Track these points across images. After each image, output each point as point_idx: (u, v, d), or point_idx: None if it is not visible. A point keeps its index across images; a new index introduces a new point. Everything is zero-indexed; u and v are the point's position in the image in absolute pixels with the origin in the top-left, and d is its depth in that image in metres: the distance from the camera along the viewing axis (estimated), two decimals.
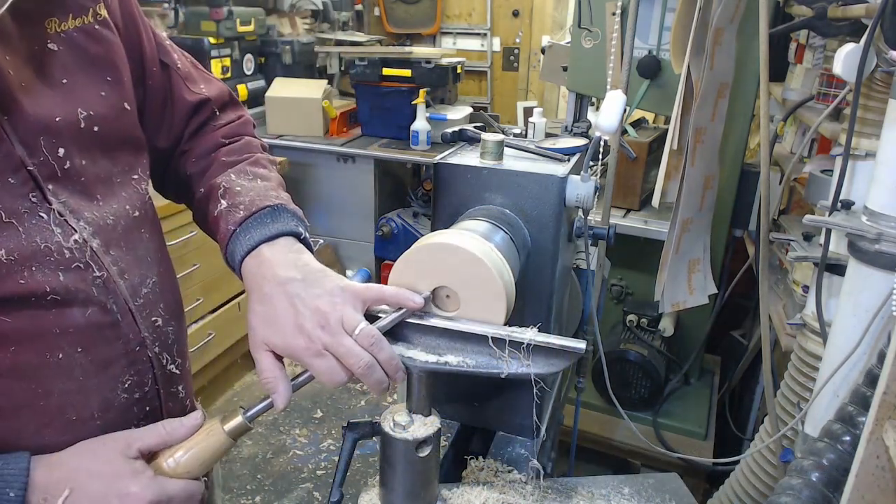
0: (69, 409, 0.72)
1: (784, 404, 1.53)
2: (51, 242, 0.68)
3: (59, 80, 0.72)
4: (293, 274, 0.76)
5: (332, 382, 0.74)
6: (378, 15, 4.72)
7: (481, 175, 1.05)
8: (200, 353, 2.65)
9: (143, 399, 0.79)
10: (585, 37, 2.16)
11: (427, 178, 3.72)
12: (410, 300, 0.80)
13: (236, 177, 0.87)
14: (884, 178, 1.12)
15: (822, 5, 1.54)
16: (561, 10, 4.52)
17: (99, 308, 0.73)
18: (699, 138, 1.72)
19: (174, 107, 0.90)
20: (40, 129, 0.68)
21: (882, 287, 1.10)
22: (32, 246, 0.67)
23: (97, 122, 0.74)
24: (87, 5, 0.75)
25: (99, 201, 0.75)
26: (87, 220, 0.73)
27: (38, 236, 0.67)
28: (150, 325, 0.80)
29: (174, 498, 0.71)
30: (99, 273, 0.73)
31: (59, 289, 0.69)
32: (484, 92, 4.84)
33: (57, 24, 0.72)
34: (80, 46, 0.74)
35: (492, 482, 0.99)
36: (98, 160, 0.76)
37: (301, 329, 0.73)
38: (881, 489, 0.86)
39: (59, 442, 0.71)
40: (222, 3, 3.23)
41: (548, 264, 1.06)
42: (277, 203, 0.83)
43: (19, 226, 0.66)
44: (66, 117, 0.71)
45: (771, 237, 1.65)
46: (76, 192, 0.72)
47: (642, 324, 2.34)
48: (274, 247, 0.79)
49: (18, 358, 0.68)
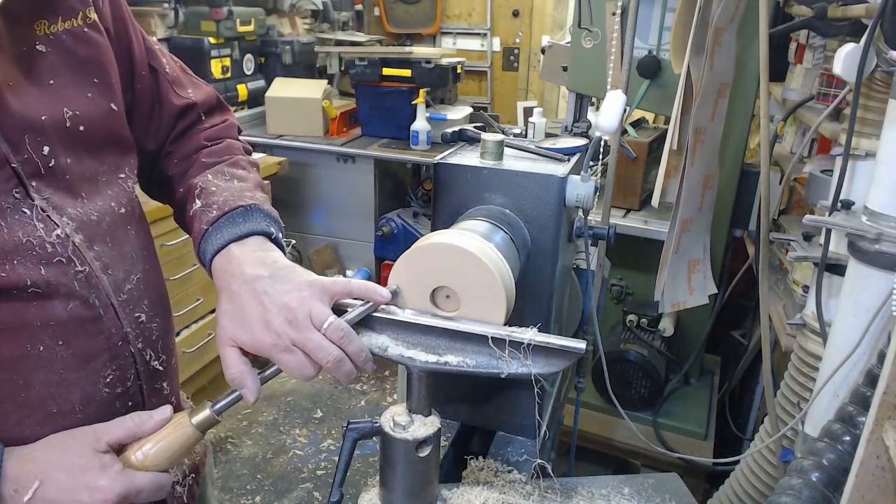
0: (49, 402, 0.73)
1: (784, 404, 1.53)
2: (33, 237, 0.69)
3: (46, 81, 0.73)
4: (261, 271, 0.77)
5: (301, 377, 0.75)
6: (378, 15, 4.72)
7: (481, 175, 1.05)
8: (200, 353, 2.65)
9: (125, 394, 0.80)
10: (585, 37, 2.16)
11: (427, 178, 3.72)
12: (377, 294, 0.80)
13: (213, 177, 0.88)
14: (884, 178, 1.12)
15: (822, 5, 1.54)
16: (561, 10, 4.52)
17: (81, 302, 0.74)
18: (699, 138, 1.72)
19: (161, 110, 0.92)
20: (25, 127, 0.69)
21: (882, 287, 1.10)
22: (14, 240, 0.68)
23: (83, 122, 0.76)
24: (76, 8, 0.77)
25: (84, 198, 0.76)
26: (71, 216, 0.74)
27: (20, 231, 0.69)
28: (134, 321, 0.81)
29: (142, 490, 0.72)
30: (81, 268, 0.73)
31: (41, 282, 0.70)
32: (484, 92, 4.84)
33: (46, 27, 0.73)
34: (69, 49, 0.76)
35: (492, 482, 0.99)
36: (83, 159, 0.77)
37: (268, 325, 0.74)
38: (881, 489, 0.86)
39: (40, 434, 0.72)
40: (222, 3, 3.24)
41: (548, 264, 1.06)
42: (251, 203, 0.84)
43: (1, 220, 0.67)
44: (52, 116, 0.72)
45: (771, 237, 1.65)
46: (60, 189, 0.73)
47: (642, 324, 2.34)
48: (243, 246, 0.80)
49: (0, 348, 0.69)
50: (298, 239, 3.54)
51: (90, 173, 0.78)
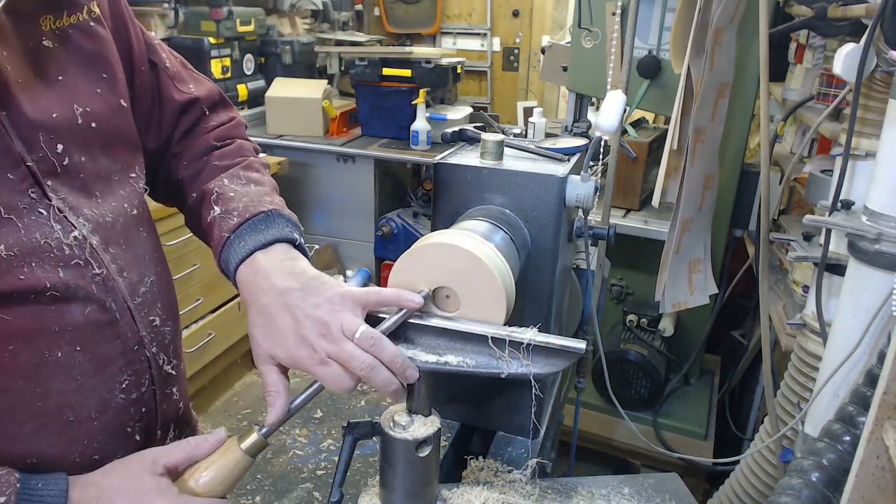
0: (67, 410, 0.72)
1: (784, 404, 1.53)
2: (50, 238, 0.68)
3: (55, 77, 0.72)
4: (290, 283, 0.76)
5: (339, 389, 0.75)
6: (378, 15, 4.72)
7: (481, 175, 1.05)
8: (200, 353, 2.65)
9: (139, 400, 0.79)
10: (585, 37, 2.16)
11: (427, 178, 3.72)
12: (410, 301, 0.80)
13: (229, 181, 0.86)
14: (884, 178, 1.12)
15: (822, 5, 1.54)
16: (561, 10, 4.52)
17: (98, 306, 0.73)
18: (699, 138, 1.72)
19: (162, 106, 0.89)
20: (38, 125, 0.68)
21: (882, 287, 1.10)
22: (32, 242, 0.67)
23: (94, 118, 0.74)
24: (81, 2, 0.75)
25: (98, 198, 0.75)
26: (87, 217, 0.72)
27: (37, 232, 0.67)
28: (149, 325, 0.80)
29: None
30: (98, 270, 0.72)
31: (59, 285, 0.68)
32: (484, 92, 4.84)
33: (51, 21, 0.72)
34: (76, 43, 0.74)
35: (492, 482, 0.99)
36: (97, 157, 0.76)
37: (303, 340, 0.74)
38: (881, 489, 0.86)
39: (56, 443, 0.71)
40: (222, 3, 3.23)
41: (548, 264, 1.06)
42: (272, 209, 0.82)
43: (18, 221, 0.66)
44: (64, 114, 0.71)
45: (771, 237, 1.65)
46: (75, 188, 0.72)
47: (642, 324, 2.34)
48: (269, 254, 0.79)
49: (17, 357, 0.67)
50: None
51: (104, 172, 0.77)
